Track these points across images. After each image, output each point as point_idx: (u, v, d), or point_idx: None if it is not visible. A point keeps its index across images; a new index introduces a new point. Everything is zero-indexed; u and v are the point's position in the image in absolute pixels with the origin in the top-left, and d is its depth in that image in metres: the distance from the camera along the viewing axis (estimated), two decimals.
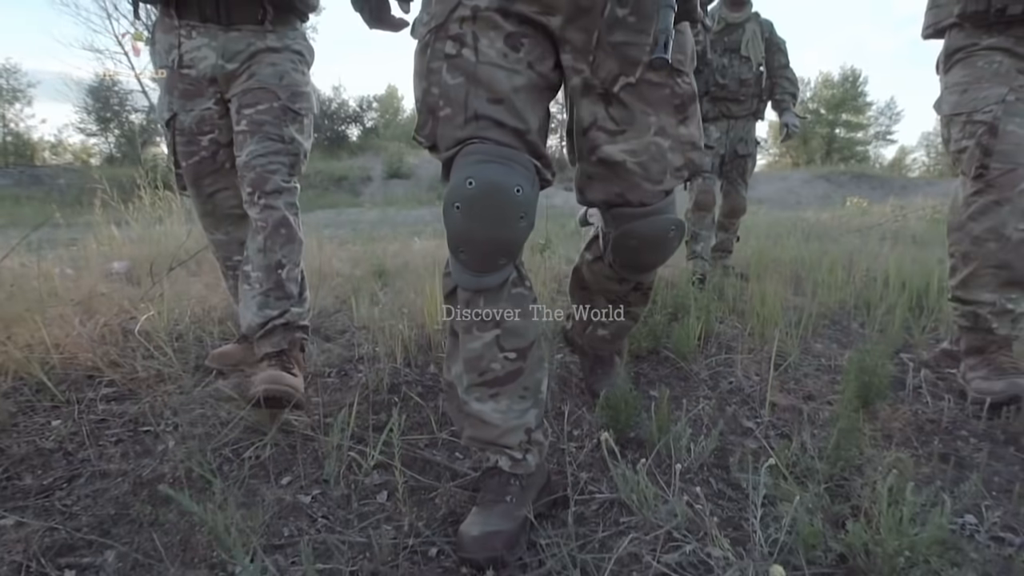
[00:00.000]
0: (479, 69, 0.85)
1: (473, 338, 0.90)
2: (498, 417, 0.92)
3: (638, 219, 0.99)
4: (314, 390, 1.46)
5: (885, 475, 0.81)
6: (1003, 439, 1.17)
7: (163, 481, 1.06)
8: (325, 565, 0.84)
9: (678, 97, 0.94)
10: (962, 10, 1.41)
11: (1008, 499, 0.95)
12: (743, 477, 0.96)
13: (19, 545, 0.87)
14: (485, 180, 0.80)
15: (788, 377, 1.51)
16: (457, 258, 0.87)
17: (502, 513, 0.88)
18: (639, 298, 1.24)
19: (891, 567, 0.73)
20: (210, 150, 1.40)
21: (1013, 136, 1.35)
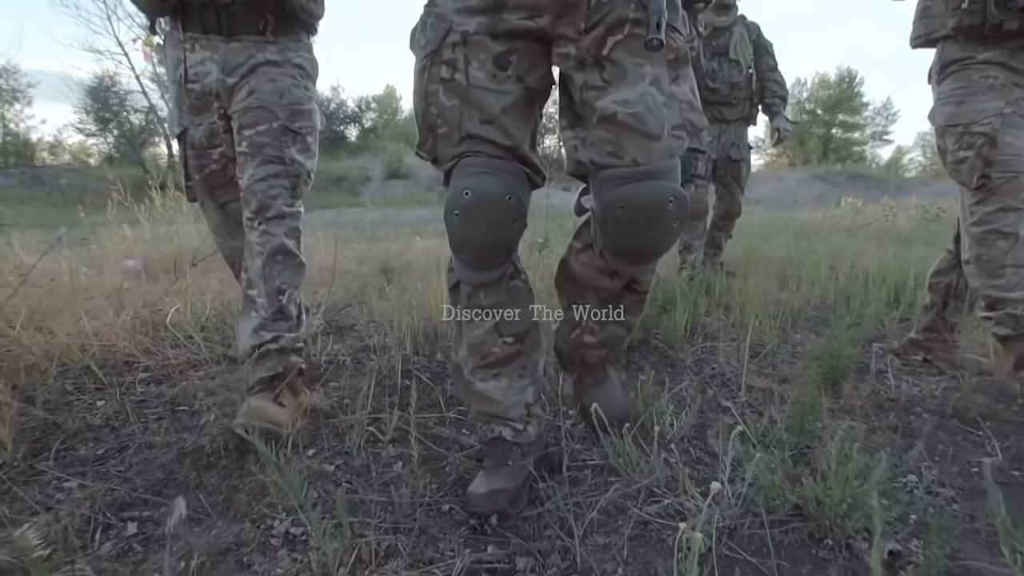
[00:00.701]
0: (471, 92, 0.92)
1: (475, 326, 1.02)
2: (500, 394, 1.04)
3: (630, 181, 0.88)
4: (332, 375, 1.59)
5: (836, 438, 0.95)
6: (950, 414, 1.31)
7: (203, 452, 1.19)
8: (353, 518, 0.97)
9: (672, 51, 0.90)
10: (957, 23, 1.41)
11: (946, 462, 1.09)
12: (717, 444, 1.10)
13: (86, 503, 1.00)
14: (480, 190, 0.90)
15: (766, 363, 1.65)
16: (459, 258, 0.98)
17: (505, 475, 1.00)
18: (633, 303, 1.14)
19: (836, 513, 0.87)
20: (220, 163, 1.40)
21: (1011, 147, 1.38)
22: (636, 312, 1.16)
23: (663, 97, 0.88)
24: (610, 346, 1.21)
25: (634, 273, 1.05)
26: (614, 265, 1.01)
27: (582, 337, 1.19)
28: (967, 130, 1.43)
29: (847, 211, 9.15)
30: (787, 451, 1.09)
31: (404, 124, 32.26)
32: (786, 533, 0.89)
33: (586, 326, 1.18)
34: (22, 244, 3.04)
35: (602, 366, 1.23)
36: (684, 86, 0.92)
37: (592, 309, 1.15)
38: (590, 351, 1.21)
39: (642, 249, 0.96)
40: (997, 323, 1.40)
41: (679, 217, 0.89)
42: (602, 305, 1.14)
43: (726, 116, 2.91)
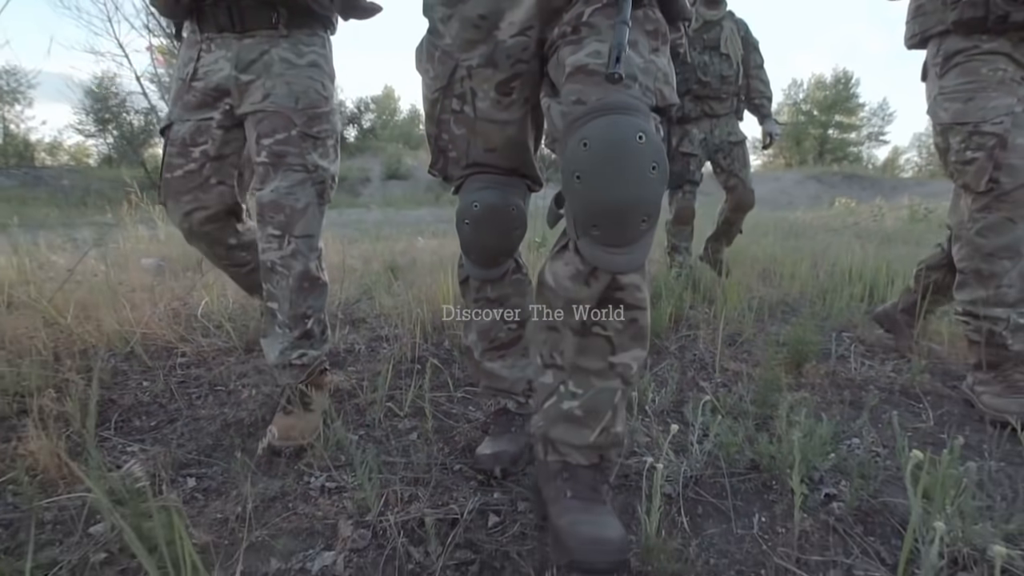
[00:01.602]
0: (477, 124, 1.01)
1: (483, 315, 1.18)
2: (506, 371, 1.21)
3: (593, 117, 0.74)
4: (350, 362, 1.76)
5: (786, 404, 1.12)
6: (897, 390, 1.49)
7: (243, 423, 1.36)
8: (379, 475, 1.14)
9: (651, 22, 0.84)
10: (958, 17, 1.34)
11: (885, 427, 1.26)
12: (691, 414, 1.27)
13: (149, 462, 1.17)
14: (486, 203, 1.03)
15: (742, 350, 1.82)
16: (468, 257, 1.13)
17: (509, 439, 1.16)
18: (623, 329, 0.82)
19: (784, 465, 1.04)
20: (199, 162, 1.34)
21: (1020, 149, 1.31)
22: (630, 347, 0.83)
23: (640, 59, 0.80)
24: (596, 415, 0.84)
25: (612, 265, 0.77)
26: (587, 254, 0.78)
27: (561, 404, 0.85)
28: (976, 129, 1.34)
29: (840, 211, 9.37)
30: (751, 420, 1.27)
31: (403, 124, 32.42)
32: (743, 482, 1.07)
33: (565, 388, 0.85)
34: (47, 243, 3.21)
35: (593, 482, 0.84)
36: (662, 59, 0.85)
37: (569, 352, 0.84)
38: (574, 440, 0.84)
39: (615, 205, 0.73)
40: (974, 329, 1.42)
41: (654, 160, 0.72)
42: (582, 337, 0.83)
43: (716, 111, 2.86)
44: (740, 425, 1.22)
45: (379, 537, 0.93)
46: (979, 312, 1.39)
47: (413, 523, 0.95)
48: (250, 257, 1.48)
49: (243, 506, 1.03)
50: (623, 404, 0.86)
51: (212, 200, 1.37)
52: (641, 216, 0.74)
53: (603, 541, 0.73)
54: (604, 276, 0.79)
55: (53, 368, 1.50)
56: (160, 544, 0.74)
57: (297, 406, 1.32)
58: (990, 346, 1.38)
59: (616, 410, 0.85)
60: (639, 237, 0.76)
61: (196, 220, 1.38)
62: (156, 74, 16.42)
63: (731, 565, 0.85)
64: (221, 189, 1.37)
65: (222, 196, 1.38)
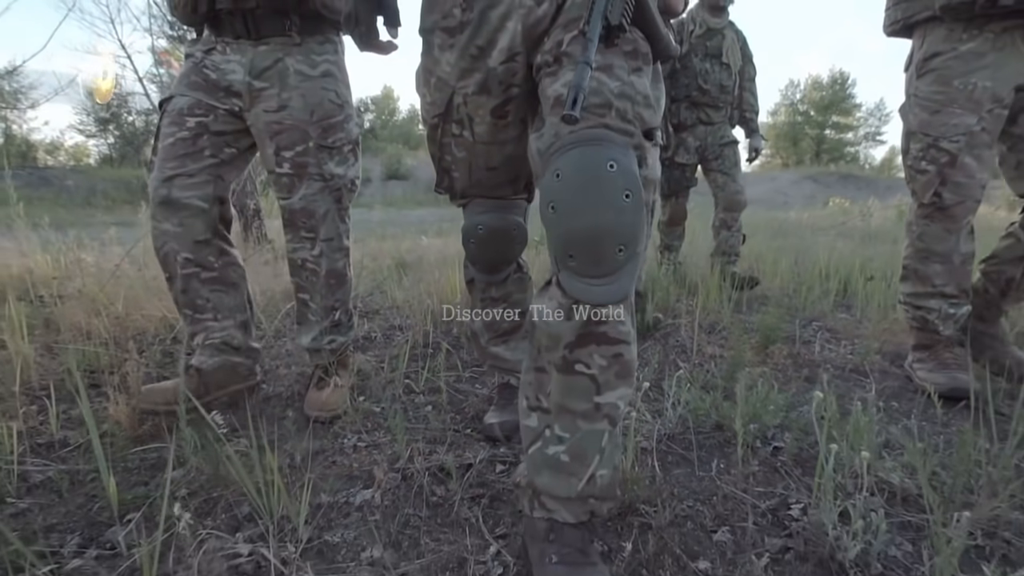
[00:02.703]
0: (476, 147, 1.07)
1: (491, 310, 1.32)
2: (508, 353, 1.36)
3: (566, 149, 0.74)
4: (368, 347, 1.97)
5: (745, 376, 1.33)
6: (850, 369, 1.70)
7: (281, 397, 1.57)
8: (405, 434, 1.35)
9: (629, 43, 0.82)
10: (946, 2, 1.36)
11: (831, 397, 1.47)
12: (668, 386, 1.48)
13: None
14: (490, 227, 1.16)
15: (719, 336, 2.04)
16: (474, 267, 1.27)
17: (512, 411, 1.30)
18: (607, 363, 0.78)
19: (742, 423, 1.25)
20: (193, 131, 1.34)
21: (968, 168, 1.43)
22: (616, 386, 0.79)
23: (615, 82, 0.77)
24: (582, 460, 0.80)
25: (590, 297, 0.74)
26: (568, 288, 0.75)
27: (547, 449, 0.82)
28: (935, 143, 1.44)
29: (832, 211, 9.60)
30: (719, 392, 1.48)
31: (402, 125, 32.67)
32: (707, 439, 1.28)
33: (551, 432, 0.82)
34: (77, 242, 3.41)
35: (582, 544, 0.81)
36: (644, 79, 0.83)
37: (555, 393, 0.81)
38: (561, 492, 0.81)
39: (586, 233, 0.71)
40: (912, 317, 1.60)
41: (627, 188, 0.70)
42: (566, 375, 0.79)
43: (712, 118, 2.91)
44: (709, 395, 1.43)
45: (408, 479, 1.14)
46: (917, 303, 1.58)
47: (435, 468, 1.16)
48: (216, 264, 1.41)
49: (292, 458, 1.24)
50: (612, 448, 0.80)
51: (201, 171, 1.34)
52: (617, 244, 0.71)
53: None
54: (585, 309, 0.76)
55: (115, 349, 1.71)
56: (243, 476, 0.95)
57: (327, 383, 1.52)
58: (924, 331, 1.58)
59: (603, 454, 0.79)
60: (617, 268, 0.72)
61: (178, 185, 1.32)
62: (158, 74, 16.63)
63: (690, 494, 1.06)
64: (214, 163, 1.36)
65: (215, 170, 1.36)
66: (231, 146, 1.41)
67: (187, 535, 0.85)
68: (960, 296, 1.54)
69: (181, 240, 1.36)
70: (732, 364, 1.55)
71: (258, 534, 0.95)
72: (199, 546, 0.90)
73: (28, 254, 3.12)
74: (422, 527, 0.99)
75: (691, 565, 0.86)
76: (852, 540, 0.82)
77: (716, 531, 0.94)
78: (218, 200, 1.40)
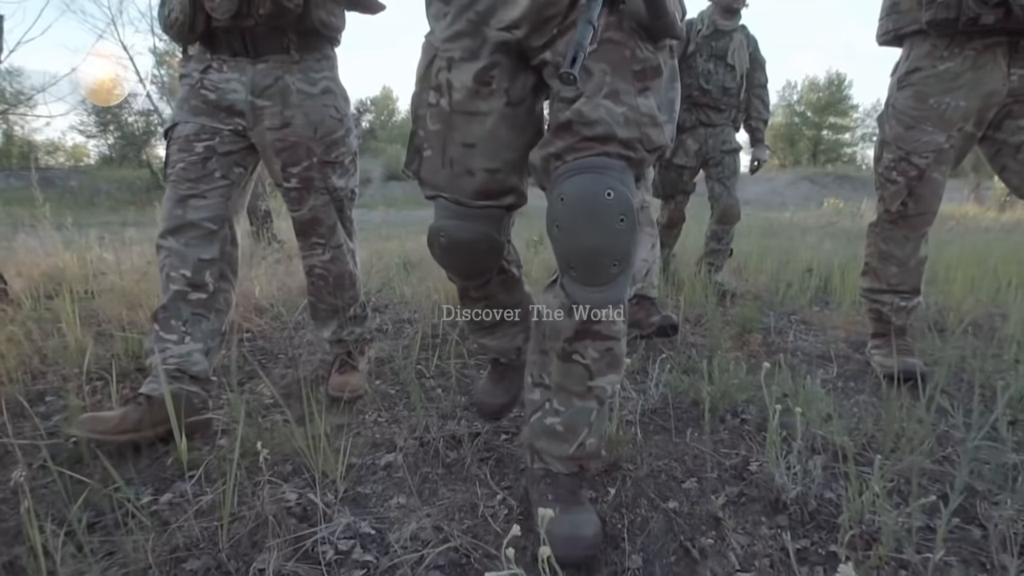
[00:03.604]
0: (453, 118, 0.94)
1: (470, 309, 1.23)
2: (495, 343, 1.29)
3: (570, 176, 0.83)
4: (380, 339, 2.16)
5: (718, 359, 1.52)
6: (817, 355, 1.89)
7: (307, 380, 1.75)
8: (421, 409, 1.54)
9: (639, 62, 0.85)
10: (931, 17, 1.41)
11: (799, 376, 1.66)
12: (652, 369, 1.67)
13: (252, 396, 1.56)
14: (453, 238, 0.99)
15: (702, 328, 2.22)
16: (447, 272, 1.13)
17: (504, 389, 1.33)
18: (599, 355, 0.92)
19: (710, 396, 1.44)
20: (203, 155, 1.37)
21: (933, 183, 1.55)
22: (606, 373, 0.94)
23: (621, 108, 0.83)
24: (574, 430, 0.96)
25: (589, 300, 0.85)
26: (570, 291, 0.86)
27: (545, 420, 0.98)
28: (906, 157, 1.55)
29: (827, 211, 9.81)
30: (697, 374, 1.66)
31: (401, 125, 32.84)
32: (684, 413, 1.46)
33: (550, 405, 0.98)
34: (99, 242, 3.59)
35: (573, 487, 0.98)
36: (651, 99, 0.86)
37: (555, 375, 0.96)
38: (556, 452, 0.97)
39: (586, 251, 0.82)
40: (869, 308, 1.79)
41: (622, 213, 0.79)
42: (564, 362, 0.94)
43: (713, 120, 2.87)
44: (688, 377, 1.61)
45: (425, 445, 1.32)
46: (874, 297, 1.78)
47: (448, 437, 1.35)
48: (211, 287, 1.42)
49: (320, 431, 1.42)
50: (599, 421, 0.98)
51: (213, 192, 1.38)
52: (611, 262, 0.81)
53: (578, 538, 0.86)
54: (584, 309, 0.89)
55: None
56: (296, 435, 1.13)
57: (348, 368, 1.70)
58: (880, 321, 1.78)
59: (592, 427, 0.96)
60: (612, 279, 0.82)
61: (192, 206, 1.36)
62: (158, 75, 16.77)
63: (666, 454, 1.24)
64: (225, 183, 1.40)
65: (226, 191, 1.40)
66: (240, 165, 1.44)
67: (247, 483, 1.03)
68: (912, 293, 1.72)
69: (184, 258, 1.37)
70: (710, 348, 1.73)
71: (302, 485, 1.13)
72: (256, 493, 1.08)
73: (53, 253, 3.30)
74: (439, 481, 1.17)
75: (662, 505, 1.04)
76: (792, 483, 1.01)
77: (684, 481, 1.13)
78: (227, 222, 1.43)
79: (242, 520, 1.01)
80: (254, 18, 1.32)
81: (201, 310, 1.41)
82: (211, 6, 1.31)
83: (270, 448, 1.25)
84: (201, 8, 1.32)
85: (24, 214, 3.42)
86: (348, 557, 0.93)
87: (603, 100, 0.83)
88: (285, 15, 1.33)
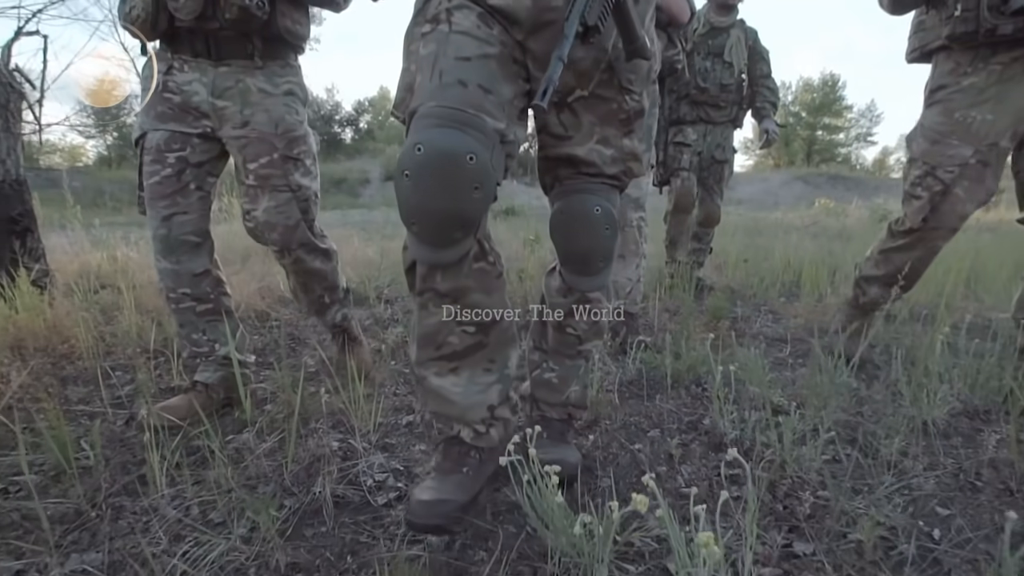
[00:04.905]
0: (451, 36, 0.86)
1: (429, 313, 0.92)
2: (458, 392, 0.95)
3: (566, 196, 1.03)
4: (394, 325, 2.43)
5: (687, 339, 1.79)
6: (776, 338, 2.17)
7: (328, 363, 2.02)
8: None
9: (624, 112, 0.99)
10: (951, 31, 1.42)
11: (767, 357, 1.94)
12: (630, 350, 1.94)
13: (289, 372, 1.83)
14: (434, 146, 0.78)
15: (681, 317, 2.50)
16: (411, 231, 0.85)
17: (456, 483, 0.93)
18: (587, 326, 1.15)
19: (677, 369, 1.71)
20: (176, 168, 1.37)
21: (955, 200, 1.52)
22: (592, 337, 1.18)
23: (609, 151, 1.01)
24: (566, 381, 1.20)
25: (582, 286, 1.08)
26: (567, 277, 1.08)
27: (543, 375, 1.21)
28: (932, 171, 1.52)
29: (817, 211, 10.11)
30: (671, 354, 1.94)
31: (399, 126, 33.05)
32: (656, 383, 1.73)
33: (546, 364, 1.21)
34: (125, 240, 3.84)
35: (562, 430, 1.22)
36: (634, 139, 1.03)
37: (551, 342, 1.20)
38: (551, 400, 1.21)
39: (580, 253, 1.04)
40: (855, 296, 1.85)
41: (607, 225, 1.01)
42: (559, 333, 1.18)
43: (713, 118, 2.88)
44: (661, 355, 1.88)
45: None
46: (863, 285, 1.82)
47: None
48: (212, 295, 1.50)
49: (355, 394, 1.69)
50: (584, 374, 1.23)
51: (193, 206, 1.40)
52: (599, 259, 1.04)
53: (565, 462, 0.96)
54: (577, 292, 1.11)
55: None
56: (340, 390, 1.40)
57: (354, 344, 1.85)
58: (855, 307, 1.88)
59: (579, 379, 1.21)
60: (599, 271, 1.06)
61: (176, 224, 1.39)
62: None
63: (637, 412, 1.51)
64: (201, 195, 1.42)
65: (203, 203, 1.43)
66: (212, 175, 1.46)
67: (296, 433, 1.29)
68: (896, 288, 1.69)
69: (179, 277, 1.43)
70: (683, 332, 2.01)
71: (342, 436, 1.40)
72: (307, 439, 1.35)
73: (81, 253, 3.56)
74: None
75: (630, 447, 1.31)
76: (732, 429, 1.28)
77: (649, 431, 1.40)
78: (207, 231, 1.47)
79: (297, 460, 1.27)
80: (219, 21, 1.31)
81: (212, 317, 1.52)
82: (175, 6, 1.29)
83: (310, 410, 1.53)
84: (164, 7, 1.30)
85: (54, 215, 3.67)
86: (384, 484, 1.20)
87: (595, 145, 1.00)
88: (251, 21, 1.32)
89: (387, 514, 1.09)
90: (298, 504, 1.12)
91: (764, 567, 0.90)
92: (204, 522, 1.05)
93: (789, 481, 1.14)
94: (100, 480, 1.16)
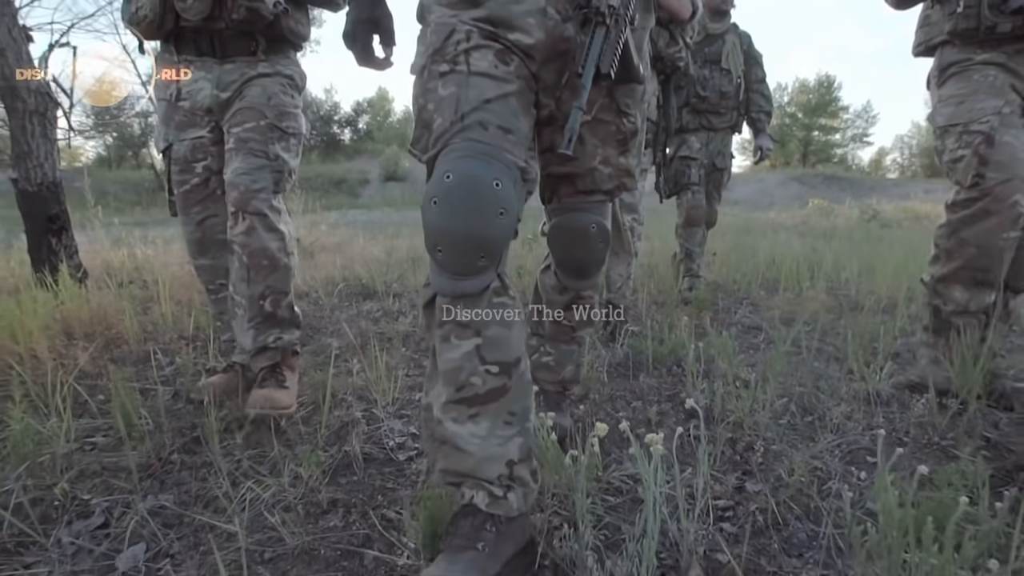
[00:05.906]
0: (470, 79, 0.89)
1: (451, 347, 0.85)
2: (476, 443, 0.86)
3: (565, 212, 1.15)
4: (405, 314, 2.63)
5: (670, 326, 2.00)
6: (753, 326, 2.38)
7: (352, 346, 2.22)
8: None
9: (622, 134, 1.10)
10: (953, 27, 1.44)
11: (742, 343, 2.15)
12: (619, 336, 2.14)
13: (312, 356, 2.03)
14: (463, 173, 0.82)
15: (669, 310, 2.71)
16: (435, 258, 0.85)
17: (470, 562, 0.79)
18: (581, 318, 1.30)
19: (659, 352, 1.92)
20: (203, 176, 1.46)
21: (1008, 147, 1.37)
22: (585, 327, 1.33)
23: (608, 169, 1.12)
24: (562, 364, 1.37)
25: (576, 287, 1.24)
26: (562, 279, 1.24)
27: (541, 359, 1.37)
28: (966, 129, 1.43)
29: (810, 211, 10.34)
30: (656, 340, 2.14)
31: (398, 126, 33.29)
32: (641, 364, 1.94)
33: (544, 349, 1.37)
34: (143, 240, 4.04)
35: (557, 400, 1.39)
36: (630, 157, 1.14)
37: (547, 331, 1.35)
38: (548, 375, 1.38)
39: (577, 262, 1.20)
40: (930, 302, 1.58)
41: (601, 240, 1.15)
42: (555, 325, 1.33)
43: (714, 124, 2.91)
44: (646, 341, 2.09)
45: None
46: (938, 289, 1.55)
47: None
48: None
49: (376, 373, 1.89)
50: (577, 355, 1.40)
51: (221, 209, 1.49)
52: (593, 266, 1.21)
53: (560, 426, 1.18)
54: (571, 290, 1.25)
55: None
56: (368, 367, 1.60)
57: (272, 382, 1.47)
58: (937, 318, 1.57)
59: (573, 361, 1.39)
60: (592, 275, 1.23)
61: (209, 227, 1.51)
62: None
63: (623, 387, 1.72)
64: (224, 199, 1.48)
65: (226, 208, 1.47)
66: None
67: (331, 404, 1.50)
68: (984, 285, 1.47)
69: (216, 271, 1.59)
70: (667, 322, 2.22)
71: (364, 408, 1.60)
72: (335, 410, 1.55)
73: (101, 250, 3.75)
74: None
75: (615, 415, 1.52)
76: (702, 397, 1.49)
77: (632, 403, 1.61)
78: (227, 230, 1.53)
79: (328, 426, 1.48)
80: (224, 21, 1.34)
81: (246, 301, 1.49)
82: (182, 7, 1.32)
83: (335, 386, 1.74)
84: (171, 8, 1.34)
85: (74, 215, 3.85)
86: (404, 444, 1.40)
87: (597, 164, 1.11)
88: (257, 21, 1.36)
89: (408, 467, 1.30)
90: (332, 459, 1.32)
91: (719, 500, 1.11)
92: (255, 472, 1.26)
93: (748, 438, 1.35)
94: (164, 439, 1.37)
